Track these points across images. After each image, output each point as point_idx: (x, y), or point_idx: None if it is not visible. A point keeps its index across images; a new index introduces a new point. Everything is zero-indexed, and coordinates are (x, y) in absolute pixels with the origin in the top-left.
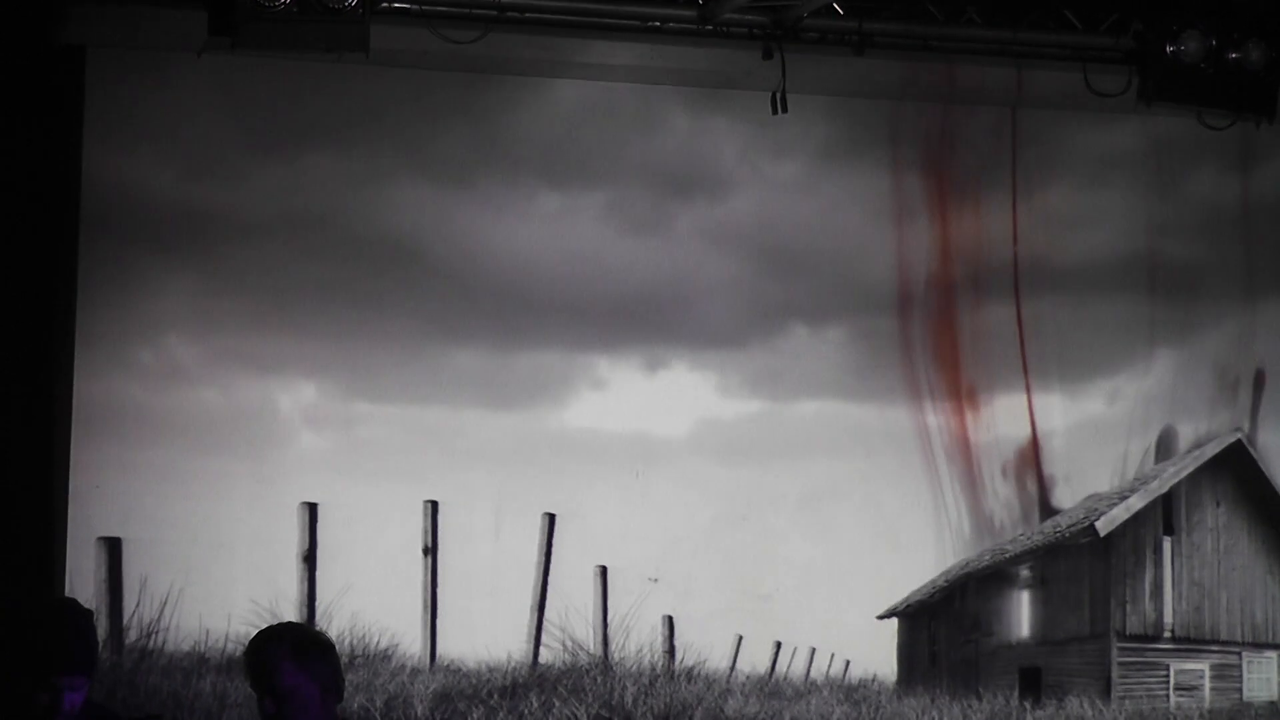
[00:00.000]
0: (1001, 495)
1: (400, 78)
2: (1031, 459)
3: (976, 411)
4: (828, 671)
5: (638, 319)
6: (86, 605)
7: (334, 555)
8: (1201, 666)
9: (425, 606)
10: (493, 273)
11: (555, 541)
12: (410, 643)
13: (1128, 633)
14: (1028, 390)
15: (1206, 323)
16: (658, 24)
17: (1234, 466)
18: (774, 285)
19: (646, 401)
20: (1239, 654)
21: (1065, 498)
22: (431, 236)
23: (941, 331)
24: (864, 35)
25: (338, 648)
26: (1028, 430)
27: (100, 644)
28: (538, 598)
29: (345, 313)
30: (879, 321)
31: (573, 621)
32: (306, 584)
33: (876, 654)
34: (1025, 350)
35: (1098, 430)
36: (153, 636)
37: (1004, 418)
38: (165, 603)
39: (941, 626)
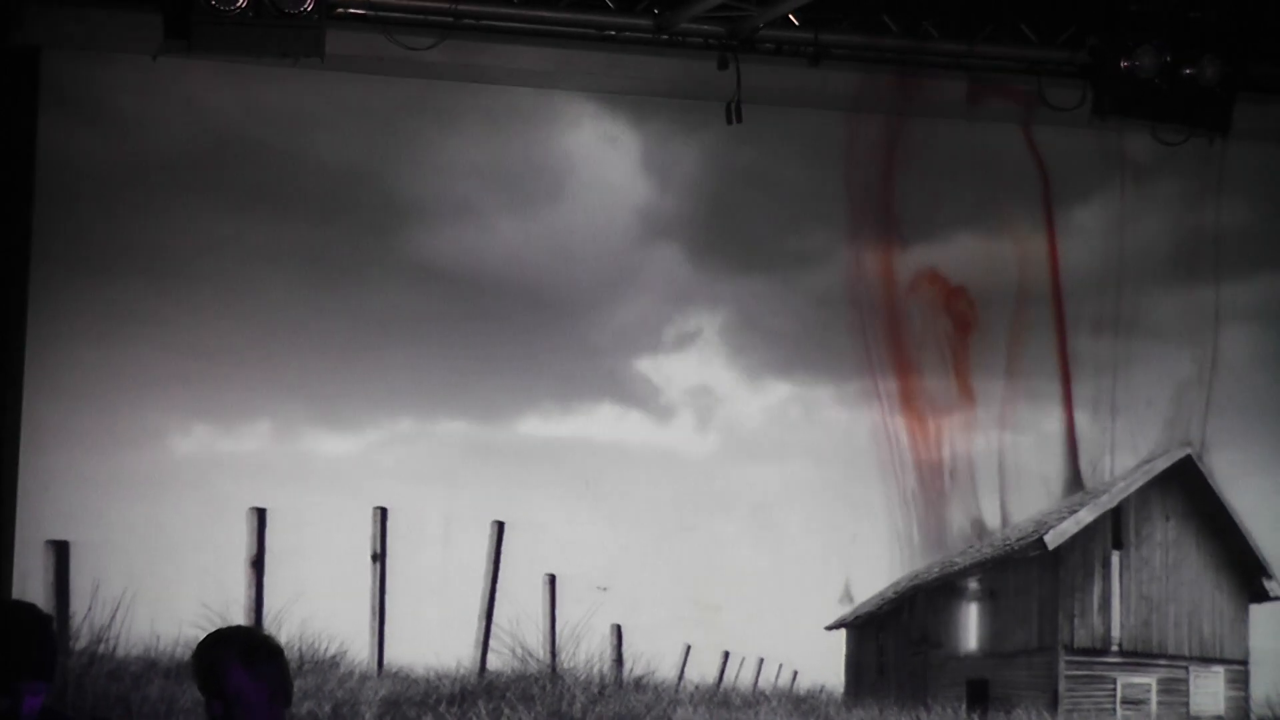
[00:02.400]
0: (952, 506)
1: (356, 82)
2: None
3: (929, 421)
4: (775, 682)
5: (587, 328)
6: None
7: (283, 561)
8: (1149, 680)
9: (374, 613)
10: (446, 282)
11: (504, 549)
12: (359, 649)
13: (1075, 646)
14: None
15: (1166, 329)
16: (614, 33)
17: (1183, 481)
18: (724, 295)
19: (596, 410)
20: (1186, 668)
21: (1016, 508)
22: (387, 244)
23: (896, 340)
24: (820, 46)
25: (286, 654)
26: (983, 438)
27: None
28: (486, 605)
29: (299, 319)
30: (831, 330)
31: (523, 629)
32: (255, 589)
33: (825, 665)
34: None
35: (1051, 438)
36: (103, 641)
37: (957, 427)
38: (117, 607)
39: (890, 638)
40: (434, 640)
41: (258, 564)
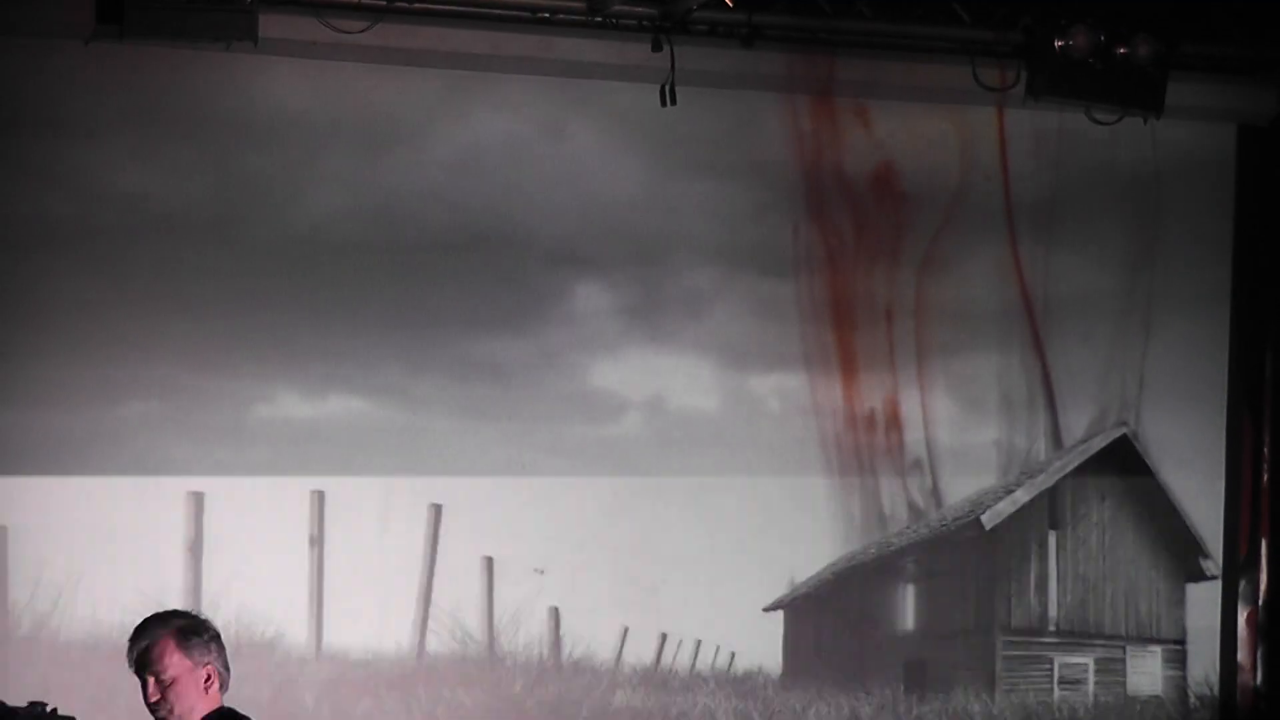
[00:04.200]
0: (889, 486)
1: (290, 67)
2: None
3: (865, 402)
4: (713, 664)
5: (523, 311)
6: None
7: (220, 545)
8: (1086, 660)
9: (312, 596)
10: (384, 265)
11: (442, 532)
12: (297, 632)
13: (1013, 626)
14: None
15: (1095, 313)
16: (547, 15)
17: (1120, 461)
18: (659, 276)
19: (532, 392)
20: (1123, 648)
21: (952, 489)
22: (323, 229)
23: (835, 318)
24: (753, 28)
25: (224, 637)
26: (917, 419)
27: None
28: (424, 588)
29: (232, 302)
30: (768, 306)
31: (463, 612)
32: (192, 574)
33: (762, 646)
34: (921, 341)
35: (984, 418)
36: (44, 627)
37: (893, 407)
38: (61, 594)
39: (827, 619)
40: (373, 623)
41: (194, 549)
